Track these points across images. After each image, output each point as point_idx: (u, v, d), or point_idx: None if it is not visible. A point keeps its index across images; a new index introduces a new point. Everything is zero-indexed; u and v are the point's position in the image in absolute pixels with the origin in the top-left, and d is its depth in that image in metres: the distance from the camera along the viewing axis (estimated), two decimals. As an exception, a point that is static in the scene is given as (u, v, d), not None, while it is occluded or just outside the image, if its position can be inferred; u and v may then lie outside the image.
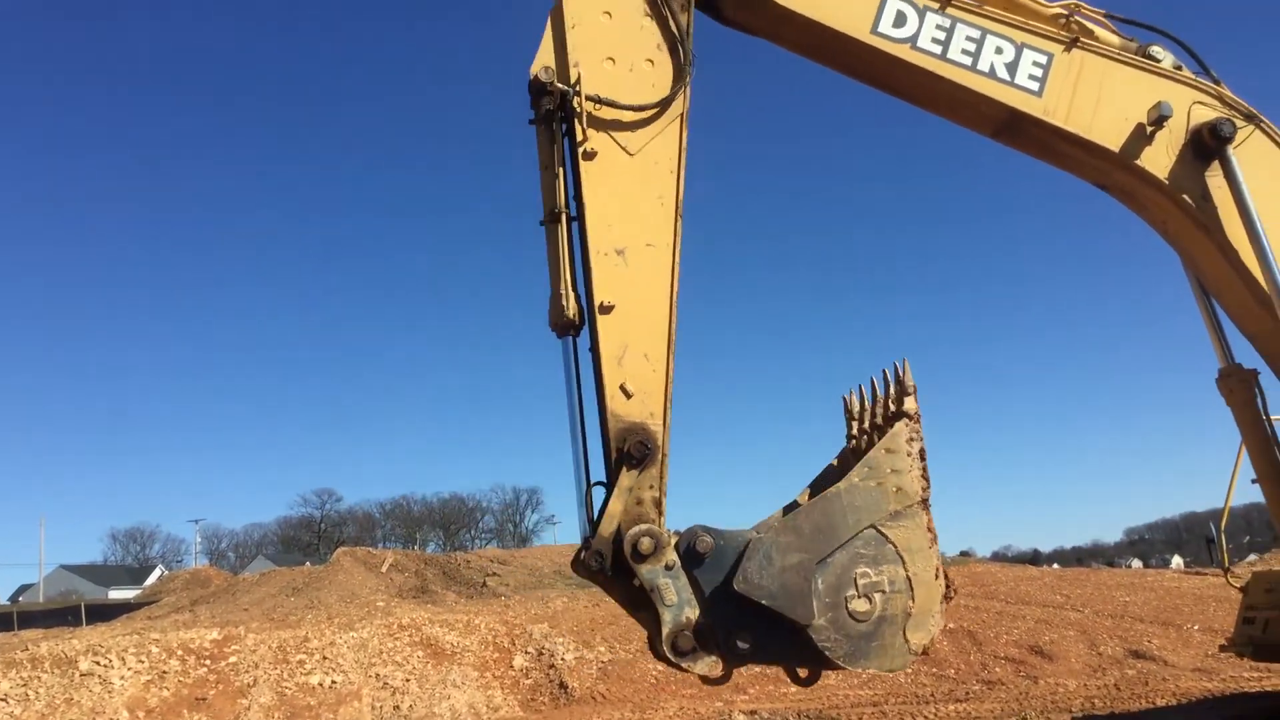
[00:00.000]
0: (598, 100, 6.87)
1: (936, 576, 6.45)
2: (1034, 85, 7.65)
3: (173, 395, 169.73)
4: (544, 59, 6.95)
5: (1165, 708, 16.47)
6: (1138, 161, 7.79)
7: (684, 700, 23.40)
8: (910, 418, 6.61)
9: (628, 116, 6.94)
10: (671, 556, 6.44)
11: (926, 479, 6.52)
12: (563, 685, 24.42)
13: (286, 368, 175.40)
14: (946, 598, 6.50)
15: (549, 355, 6.97)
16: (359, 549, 59.46)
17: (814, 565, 6.28)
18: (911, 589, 6.38)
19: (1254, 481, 8.48)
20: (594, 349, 6.89)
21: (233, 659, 24.00)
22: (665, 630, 6.39)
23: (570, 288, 6.91)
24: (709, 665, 6.43)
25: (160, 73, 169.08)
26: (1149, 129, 7.76)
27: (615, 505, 6.55)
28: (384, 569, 50.41)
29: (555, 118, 6.96)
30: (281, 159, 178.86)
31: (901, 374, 6.83)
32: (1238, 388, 8.56)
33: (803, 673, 6.84)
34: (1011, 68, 7.62)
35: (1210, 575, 33.11)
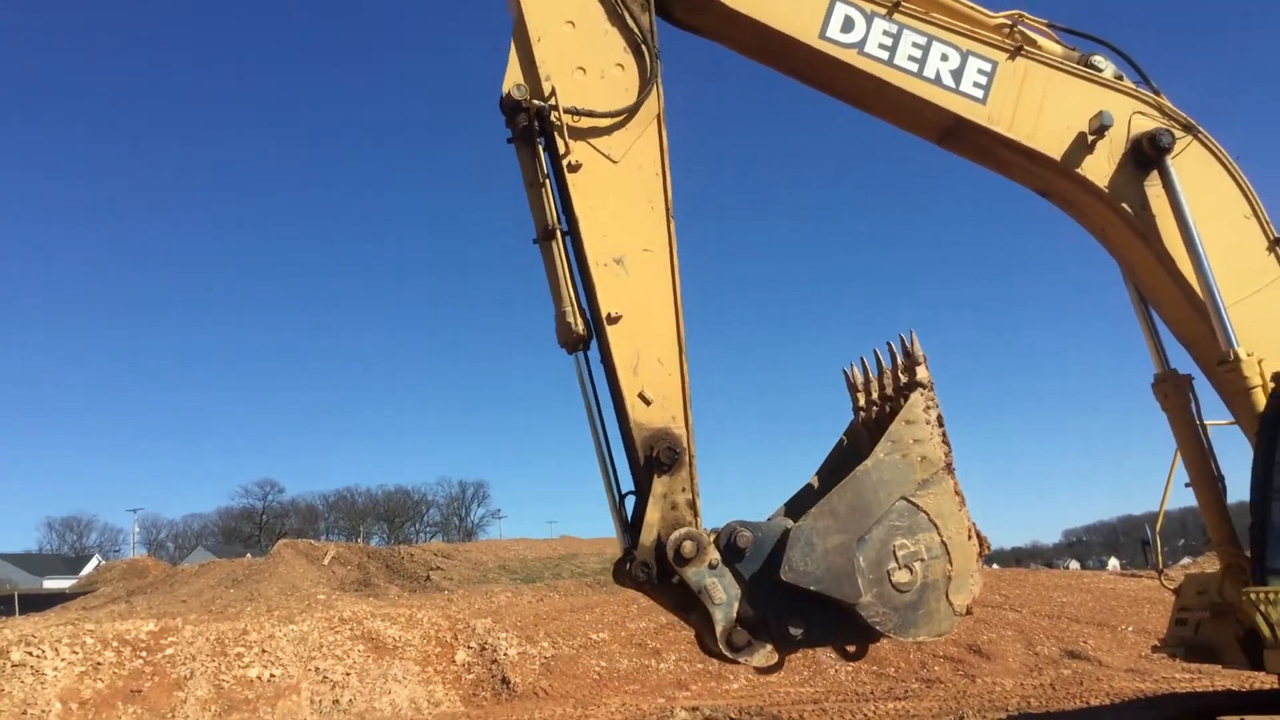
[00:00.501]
0: (575, 111, 6.83)
1: (969, 537, 6.67)
2: (978, 93, 7.73)
3: (112, 381, 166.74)
4: (513, 77, 6.90)
5: (1098, 707, 16.72)
6: (1078, 169, 7.91)
7: (626, 696, 23.43)
8: (925, 387, 6.76)
9: (606, 124, 6.92)
10: (714, 555, 6.57)
11: (947, 444, 6.72)
12: (505, 680, 24.34)
13: (229, 355, 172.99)
14: (981, 555, 6.71)
15: (498, 347, 6.96)
16: (301, 541, 58.72)
17: (854, 544, 6.44)
18: (948, 553, 6.59)
19: (1187, 485, 8.63)
20: (606, 360, 6.91)
21: (169, 651, 23.65)
22: (719, 628, 6.54)
23: (574, 303, 6.90)
24: (765, 656, 6.61)
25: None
26: (1090, 138, 7.88)
27: (653, 514, 6.63)
28: (326, 561, 49.86)
29: (534, 134, 6.91)
30: (228, 137, 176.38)
31: (910, 346, 6.98)
32: (1173, 393, 8.71)
33: (850, 648, 6.99)
34: (957, 75, 7.69)
35: (1145, 577, 33.69)
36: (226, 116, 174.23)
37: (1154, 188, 7.94)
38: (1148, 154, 7.89)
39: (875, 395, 7.57)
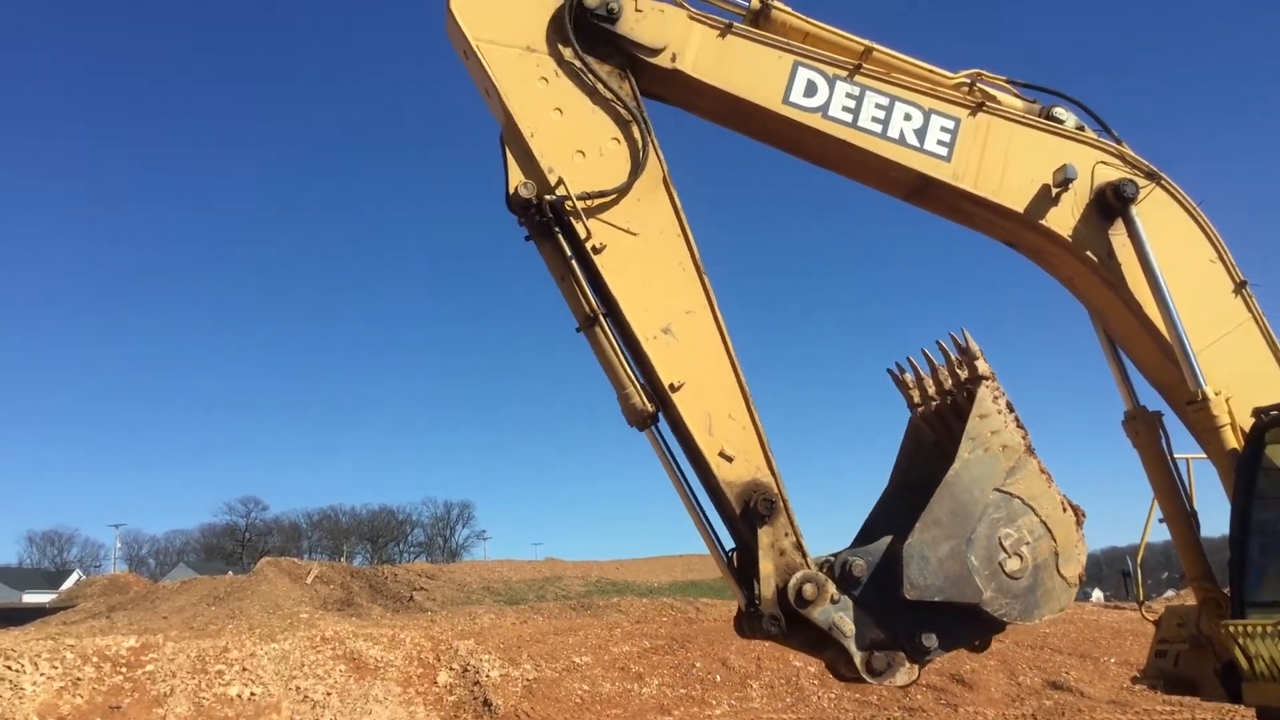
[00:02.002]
0: (586, 195, 6.90)
1: (1065, 510, 6.90)
2: (942, 150, 7.79)
3: (95, 394, 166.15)
4: (516, 176, 6.95)
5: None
6: (1044, 222, 7.98)
7: (608, 720, 23.37)
8: (988, 379, 6.96)
9: (618, 199, 6.99)
10: (833, 590, 6.75)
11: (1022, 428, 6.93)
12: (487, 703, 24.24)
13: (214, 371, 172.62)
14: (1079, 524, 6.93)
15: (487, 367, 7.02)
16: (284, 559, 58.48)
17: (963, 547, 6.66)
18: (1049, 530, 6.83)
19: (1161, 521, 8.70)
20: (678, 429, 7.02)
21: (150, 667, 23.51)
22: (857, 659, 6.71)
23: (634, 383, 6.98)
24: (907, 674, 6.79)
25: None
26: (1055, 190, 7.95)
27: (766, 566, 6.76)
28: (309, 580, 49.65)
29: (551, 227, 6.96)
30: (219, 155, 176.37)
31: (965, 342, 7.15)
32: (1143, 430, 8.78)
33: (976, 640, 7.15)
34: (920, 134, 7.76)
35: (1128, 609, 33.77)
36: (208, 121, 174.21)
37: (1119, 236, 8.04)
38: (1112, 204, 7.98)
39: (932, 390, 7.73)
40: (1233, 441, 7.93)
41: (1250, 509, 7.92)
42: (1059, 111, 8.32)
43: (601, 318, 7.00)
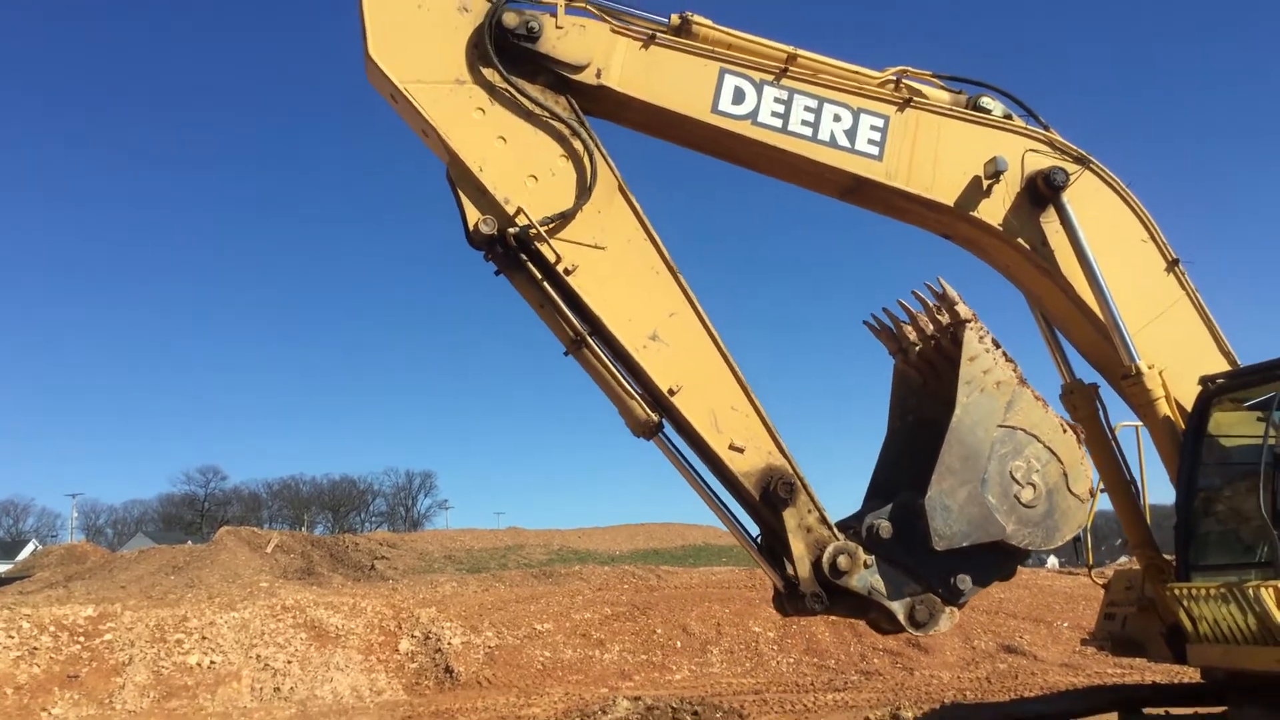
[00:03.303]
0: (548, 220, 6.83)
1: (1065, 431, 7.14)
2: (874, 150, 7.79)
3: (51, 362, 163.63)
4: (473, 214, 6.85)
5: (1029, 699, 17.10)
6: (977, 214, 8.01)
7: (569, 686, 23.53)
8: (970, 321, 7.10)
9: (579, 217, 6.93)
10: (864, 556, 6.92)
11: (1011, 361, 7.12)
12: (448, 670, 24.35)
13: (171, 338, 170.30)
14: (1080, 441, 7.20)
15: (448, 337, 6.99)
16: (243, 528, 58.20)
17: (979, 488, 6.88)
18: (1054, 454, 7.07)
19: (1101, 490, 8.84)
20: (684, 430, 7.05)
21: (108, 636, 23.39)
22: (901, 616, 6.94)
23: (633, 395, 6.99)
24: (949, 619, 7.03)
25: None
26: (986, 182, 7.99)
27: (797, 547, 6.91)
28: (269, 549, 49.51)
29: (519, 258, 6.89)
30: (175, 120, 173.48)
31: (942, 289, 7.27)
32: (1081, 403, 8.90)
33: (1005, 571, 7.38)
34: (851, 134, 7.74)
35: (1081, 575, 34.33)
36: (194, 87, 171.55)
37: (1052, 224, 8.11)
38: (1043, 192, 8.04)
39: (914, 336, 7.82)
40: (1167, 413, 8.10)
41: (1196, 475, 8.09)
42: (986, 101, 8.32)
43: (587, 337, 6.97)
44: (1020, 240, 8.14)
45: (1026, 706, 10.00)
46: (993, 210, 8.06)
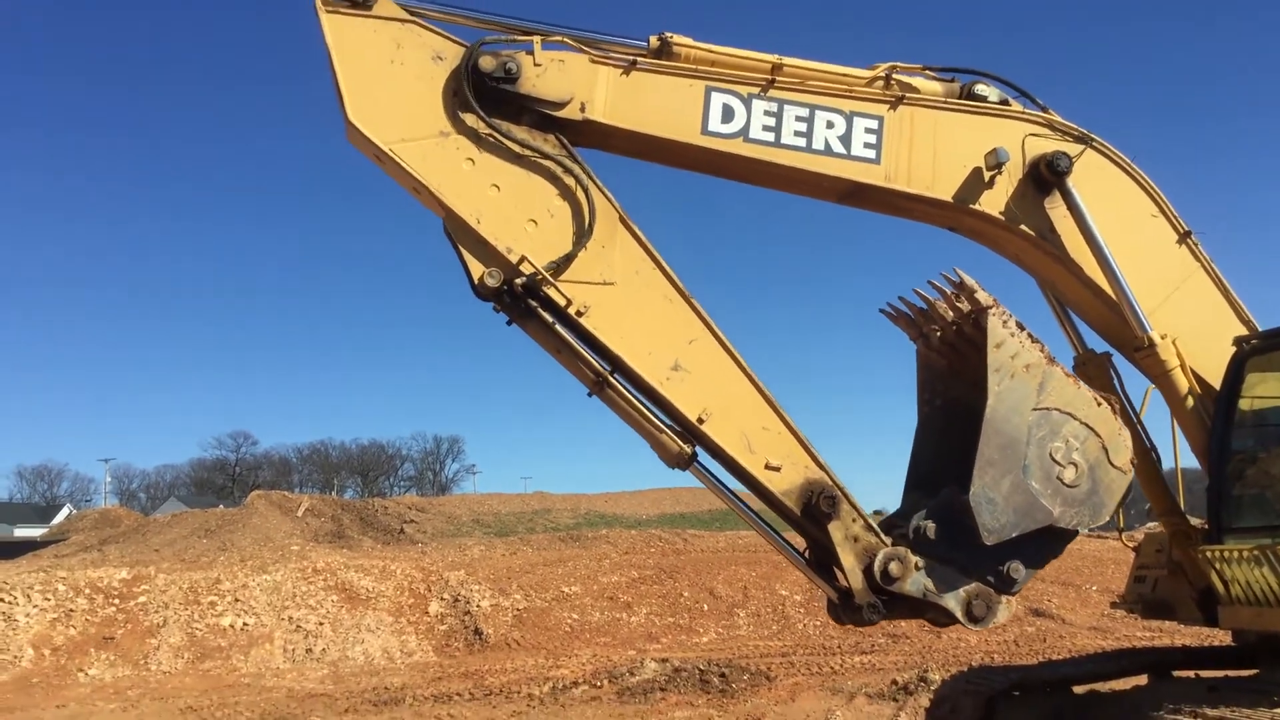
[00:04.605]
0: (554, 264, 6.66)
1: (1099, 405, 7.04)
2: (870, 153, 7.54)
3: (84, 330, 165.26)
4: (477, 268, 6.64)
5: (1056, 660, 17.08)
6: (982, 207, 7.78)
7: (597, 648, 23.72)
8: (992, 307, 6.97)
9: (583, 255, 6.75)
10: (914, 559, 6.85)
11: (1038, 341, 6.99)
12: (478, 632, 24.58)
13: (203, 305, 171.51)
14: (1115, 412, 7.11)
15: (476, 303, 6.87)
16: (274, 493, 58.86)
17: (1022, 476, 6.80)
18: (1091, 429, 6.97)
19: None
20: (718, 455, 6.94)
21: (142, 599, 23.74)
22: (959, 614, 6.89)
23: (662, 430, 6.87)
24: (1006, 609, 6.97)
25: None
26: (988, 174, 7.78)
27: (847, 559, 6.83)
28: (299, 513, 50.05)
29: (531, 307, 6.69)
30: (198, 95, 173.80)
31: (960, 278, 7.14)
32: (1095, 373, 8.77)
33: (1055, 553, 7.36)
34: (845, 140, 7.50)
35: (1110, 538, 34.20)
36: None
37: (1058, 209, 7.89)
38: (1047, 179, 7.86)
39: (935, 324, 7.69)
40: (1183, 382, 7.98)
41: (1229, 437, 8.00)
42: (981, 88, 8.06)
43: (609, 376, 6.80)
44: (1027, 229, 7.96)
45: (1055, 669, 9.91)
46: (997, 201, 7.86)
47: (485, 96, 6.73)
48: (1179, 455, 8.68)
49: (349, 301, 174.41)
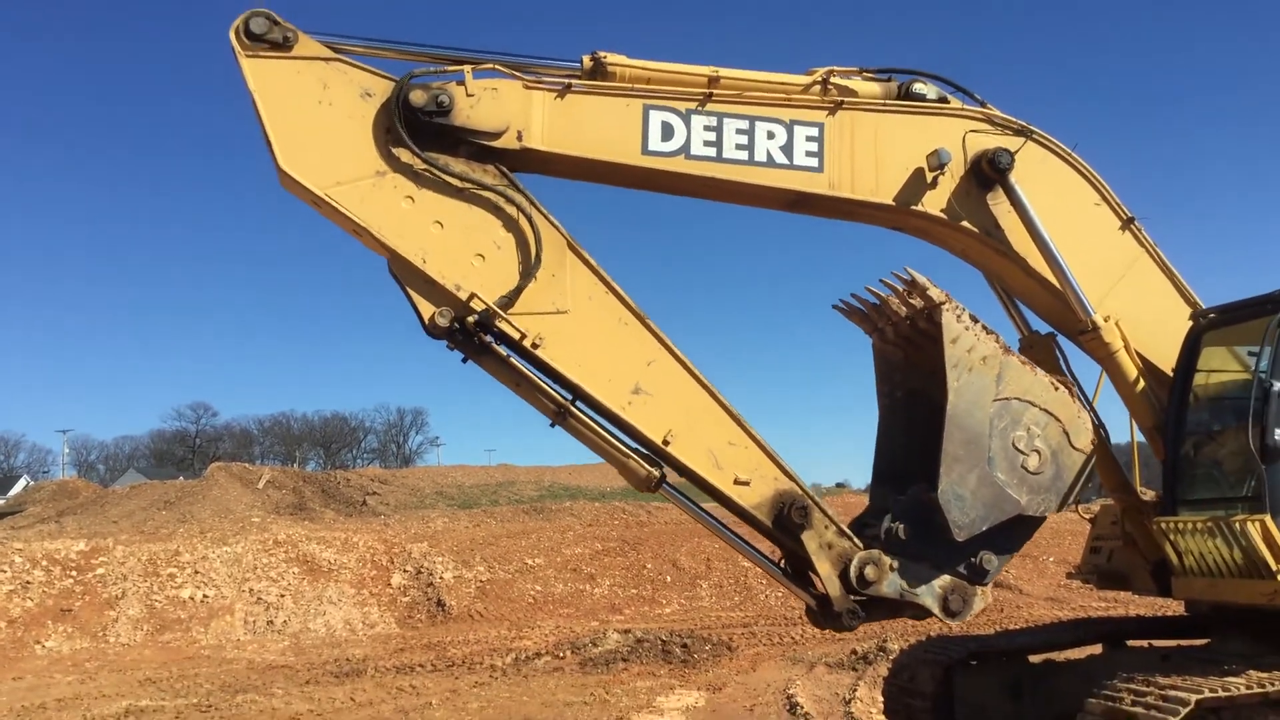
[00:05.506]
0: (504, 298, 6.56)
1: (1057, 390, 7.16)
2: (813, 162, 7.51)
3: (41, 297, 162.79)
4: (426, 309, 6.54)
5: (1013, 630, 17.31)
6: (925, 208, 7.80)
7: (560, 619, 23.79)
8: (945, 303, 7.05)
9: (534, 286, 6.65)
10: (889, 560, 6.93)
11: (992, 332, 7.09)
12: (440, 603, 24.58)
13: (161, 273, 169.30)
14: (1073, 394, 7.25)
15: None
16: (234, 464, 58.43)
17: (988, 469, 6.90)
18: (1051, 414, 7.10)
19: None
20: (686, 473, 6.93)
21: (100, 571, 23.55)
22: (936, 609, 7.03)
23: (628, 455, 6.82)
24: (982, 599, 7.15)
25: None
26: (931, 174, 7.77)
27: (824, 566, 6.89)
28: (260, 485, 49.72)
29: (485, 343, 6.61)
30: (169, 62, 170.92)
31: (911, 277, 7.23)
32: (1042, 355, 8.85)
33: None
34: (787, 150, 7.45)
35: (1067, 511, 34.70)
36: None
37: (1001, 204, 7.91)
38: (989, 175, 7.87)
39: (890, 319, 7.78)
40: (1129, 363, 8.08)
41: (1185, 411, 8.11)
42: (919, 87, 8.03)
43: (570, 406, 6.74)
44: (971, 226, 7.97)
45: (1012, 639, 10.04)
46: (940, 201, 7.84)
47: (420, 131, 6.58)
48: (1134, 432, 8.80)
49: (312, 272, 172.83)
